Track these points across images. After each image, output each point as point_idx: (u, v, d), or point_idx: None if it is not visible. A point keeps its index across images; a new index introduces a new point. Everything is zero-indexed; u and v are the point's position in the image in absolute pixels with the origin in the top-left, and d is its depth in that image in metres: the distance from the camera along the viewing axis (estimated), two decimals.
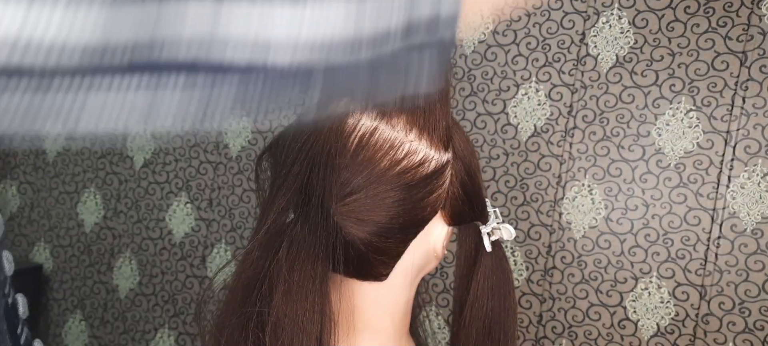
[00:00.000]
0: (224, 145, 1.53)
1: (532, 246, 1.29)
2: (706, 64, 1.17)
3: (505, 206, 1.31)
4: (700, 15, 1.17)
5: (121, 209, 1.63)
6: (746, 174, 1.15)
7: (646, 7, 1.21)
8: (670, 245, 1.20)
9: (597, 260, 1.25)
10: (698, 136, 1.18)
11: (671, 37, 1.19)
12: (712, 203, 1.17)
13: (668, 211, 1.20)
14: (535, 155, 1.29)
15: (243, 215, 1.52)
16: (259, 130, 1.50)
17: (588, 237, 1.26)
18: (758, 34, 1.14)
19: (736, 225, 1.16)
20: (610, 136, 1.24)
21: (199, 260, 1.56)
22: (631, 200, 1.23)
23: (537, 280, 1.29)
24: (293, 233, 0.48)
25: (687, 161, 1.19)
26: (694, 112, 1.18)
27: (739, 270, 1.16)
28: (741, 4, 1.14)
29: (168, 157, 1.58)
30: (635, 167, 1.22)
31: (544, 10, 1.27)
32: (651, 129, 1.21)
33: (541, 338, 1.29)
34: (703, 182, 1.18)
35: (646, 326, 1.22)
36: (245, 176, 1.51)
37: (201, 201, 1.55)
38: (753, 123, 1.15)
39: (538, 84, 1.28)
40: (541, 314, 1.29)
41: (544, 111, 1.28)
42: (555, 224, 1.28)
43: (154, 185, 1.60)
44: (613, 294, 1.24)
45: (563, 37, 1.26)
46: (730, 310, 1.17)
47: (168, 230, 1.59)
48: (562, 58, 1.26)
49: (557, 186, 1.27)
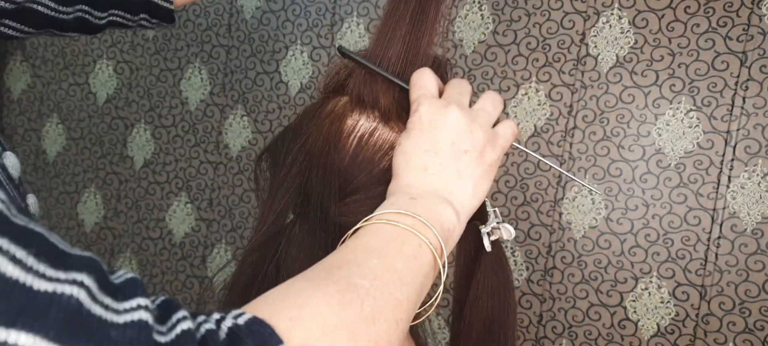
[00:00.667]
0: (224, 145, 1.53)
1: (532, 246, 1.29)
2: (706, 64, 1.17)
3: (505, 206, 1.31)
4: (700, 15, 1.17)
5: (121, 209, 1.63)
6: (746, 174, 1.15)
7: (646, 7, 1.21)
8: (670, 245, 1.20)
9: (597, 260, 1.25)
10: (698, 136, 1.18)
11: (671, 37, 1.19)
12: (713, 203, 1.17)
13: (668, 211, 1.20)
14: None
15: (243, 215, 1.52)
16: (259, 130, 1.50)
17: (588, 237, 1.26)
18: (758, 34, 1.14)
19: (736, 225, 1.16)
20: (610, 136, 1.24)
21: (199, 260, 1.56)
22: (631, 200, 1.23)
23: (537, 280, 1.29)
24: (293, 233, 0.48)
25: (687, 161, 1.19)
26: (694, 112, 1.18)
27: (739, 270, 1.16)
28: (741, 4, 1.14)
29: (168, 158, 1.58)
30: (635, 167, 1.22)
31: (544, 10, 1.27)
32: (651, 129, 1.21)
33: (541, 338, 1.29)
34: (703, 182, 1.18)
35: (646, 326, 1.22)
36: (245, 176, 1.51)
37: (201, 201, 1.55)
38: (753, 123, 1.15)
39: (538, 84, 1.28)
40: (541, 314, 1.29)
41: (544, 111, 1.28)
42: (555, 224, 1.28)
43: (154, 185, 1.60)
44: (613, 294, 1.24)
45: (563, 37, 1.26)
46: (731, 310, 1.17)
47: (168, 230, 1.59)
48: (562, 58, 1.26)
49: (557, 186, 1.27)
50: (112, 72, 1.63)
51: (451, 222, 0.41)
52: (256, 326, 0.29)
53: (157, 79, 1.58)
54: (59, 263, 0.24)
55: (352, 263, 0.35)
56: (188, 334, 0.28)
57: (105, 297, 0.26)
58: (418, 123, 0.44)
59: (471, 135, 0.44)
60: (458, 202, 0.42)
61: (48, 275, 0.23)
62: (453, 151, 0.43)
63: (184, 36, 1.55)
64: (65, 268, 0.24)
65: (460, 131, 0.43)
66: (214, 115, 1.53)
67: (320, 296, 0.32)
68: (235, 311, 0.31)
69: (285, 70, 1.47)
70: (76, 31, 0.62)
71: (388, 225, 0.38)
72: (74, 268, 0.25)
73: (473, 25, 1.33)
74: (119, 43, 1.61)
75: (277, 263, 0.47)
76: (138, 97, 1.61)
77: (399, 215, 0.39)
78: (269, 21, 1.48)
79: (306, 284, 0.33)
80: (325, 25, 1.44)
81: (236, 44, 1.51)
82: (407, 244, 0.38)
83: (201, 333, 0.28)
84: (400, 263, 0.36)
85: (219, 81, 1.53)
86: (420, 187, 0.42)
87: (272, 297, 0.32)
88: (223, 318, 0.30)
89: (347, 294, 0.33)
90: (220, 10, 1.52)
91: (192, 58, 1.55)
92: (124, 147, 1.62)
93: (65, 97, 1.67)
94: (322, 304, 0.32)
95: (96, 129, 1.65)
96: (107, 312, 0.25)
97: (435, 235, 0.39)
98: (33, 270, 0.23)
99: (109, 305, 0.25)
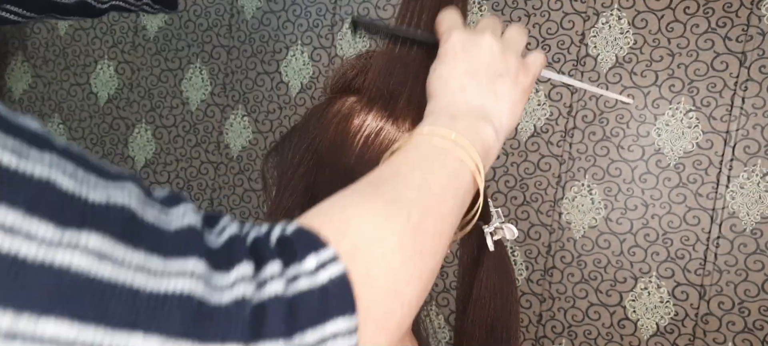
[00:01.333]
0: (225, 146, 1.53)
1: (532, 246, 1.30)
2: (705, 64, 1.18)
3: (505, 206, 1.31)
4: (700, 15, 1.18)
5: None
6: (746, 174, 1.16)
7: (645, 7, 1.21)
8: (670, 244, 1.21)
9: (597, 260, 1.25)
10: (698, 136, 1.19)
11: (671, 38, 1.20)
12: (712, 203, 1.18)
13: (668, 211, 1.21)
14: (535, 155, 1.29)
15: (244, 214, 1.52)
16: (259, 130, 1.50)
17: (588, 237, 1.26)
18: (758, 35, 1.14)
19: (736, 225, 1.16)
20: (609, 137, 1.24)
21: None
22: (630, 200, 1.23)
23: (537, 280, 1.30)
24: None
25: (686, 161, 1.19)
26: (693, 113, 1.19)
27: (739, 270, 1.16)
28: (740, 4, 1.15)
29: (169, 158, 1.58)
30: (635, 167, 1.23)
31: (544, 10, 1.28)
32: (650, 129, 1.22)
33: (541, 338, 1.30)
34: (702, 182, 1.18)
35: (645, 326, 1.23)
36: (246, 176, 1.52)
37: (202, 201, 1.56)
38: (752, 123, 1.15)
39: (537, 84, 1.28)
40: (541, 314, 1.30)
41: (544, 111, 1.28)
42: (555, 224, 1.28)
43: (155, 185, 1.60)
44: (612, 294, 1.25)
45: (563, 38, 1.27)
46: (730, 310, 1.17)
47: None
48: (562, 59, 1.27)
49: (557, 186, 1.28)
50: (114, 72, 1.63)
51: (491, 139, 0.42)
52: (304, 234, 0.30)
53: (158, 79, 1.59)
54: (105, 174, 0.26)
55: (397, 176, 0.36)
56: (238, 238, 0.29)
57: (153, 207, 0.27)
58: (452, 49, 0.44)
59: (505, 60, 0.45)
60: (497, 120, 0.43)
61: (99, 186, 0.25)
62: (489, 74, 0.44)
63: (185, 36, 1.56)
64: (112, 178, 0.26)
65: (495, 56, 0.44)
66: (215, 116, 1.54)
67: (368, 207, 0.33)
68: (282, 223, 0.31)
69: (285, 71, 1.48)
70: (77, 15, 0.62)
71: (431, 141, 0.39)
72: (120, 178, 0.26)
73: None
74: (120, 44, 1.62)
75: None
76: (139, 98, 1.61)
77: (441, 132, 0.39)
78: (270, 21, 1.48)
79: (353, 197, 0.34)
80: (326, 26, 1.44)
81: (237, 44, 1.51)
82: (449, 159, 0.38)
83: (250, 238, 0.29)
84: (444, 178, 0.37)
85: (220, 81, 1.53)
86: (460, 106, 0.42)
87: (320, 211, 0.33)
88: (272, 229, 0.31)
89: (394, 206, 0.33)
90: (221, 11, 1.52)
91: (193, 59, 1.55)
92: (126, 147, 1.62)
93: (66, 97, 1.67)
94: (369, 214, 0.32)
95: (97, 129, 1.65)
96: (159, 218, 0.26)
97: (476, 152, 0.39)
98: (84, 182, 0.24)
99: (158, 215, 0.27)
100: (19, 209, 0.21)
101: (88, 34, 1.65)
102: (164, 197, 0.29)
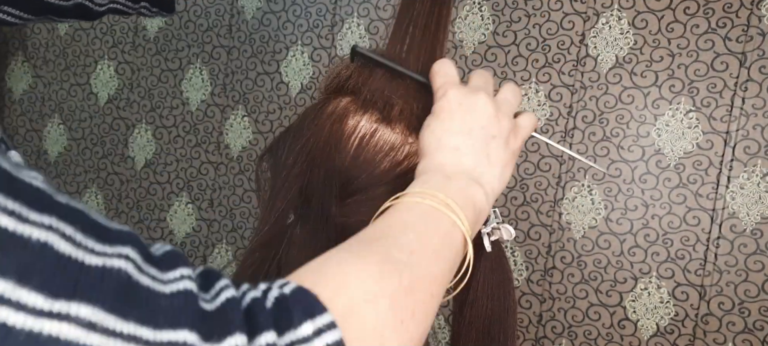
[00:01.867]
0: (225, 146, 1.53)
1: (531, 246, 1.29)
2: (705, 64, 1.17)
3: (505, 206, 1.31)
4: (700, 16, 1.17)
5: (122, 209, 1.63)
6: (746, 175, 1.15)
7: (645, 7, 1.21)
8: (670, 245, 1.20)
9: (597, 260, 1.25)
10: (698, 136, 1.18)
11: (671, 38, 1.19)
12: (712, 204, 1.18)
13: (668, 211, 1.20)
14: (535, 155, 1.29)
15: (244, 215, 1.52)
16: (259, 130, 1.50)
17: (588, 237, 1.26)
18: (758, 35, 1.14)
19: (736, 225, 1.16)
20: (609, 137, 1.24)
21: (200, 260, 1.57)
22: (630, 201, 1.23)
23: (537, 280, 1.30)
24: (294, 234, 0.49)
25: (686, 162, 1.19)
26: (693, 113, 1.18)
27: (739, 270, 1.16)
28: (740, 4, 1.15)
29: (169, 158, 1.59)
30: (635, 168, 1.22)
31: (544, 11, 1.28)
32: (650, 130, 1.21)
33: (541, 338, 1.30)
34: (702, 183, 1.18)
35: (645, 326, 1.22)
36: (246, 176, 1.52)
37: (202, 201, 1.56)
38: (752, 124, 1.15)
39: (537, 85, 1.28)
40: (540, 314, 1.30)
41: (544, 112, 1.28)
42: (555, 224, 1.28)
43: (155, 185, 1.60)
44: (612, 294, 1.24)
45: (563, 38, 1.26)
46: (730, 310, 1.17)
47: (169, 230, 1.59)
48: (562, 59, 1.27)
49: (557, 186, 1.28)
50: (114, 72, 1.63)
51: (482, 203, 0.42)
52: (301, 295, 0.30)
53: (158, 79, 1.59)
54: (104, 237, 0.25)
55: (389, 236, 0.36)
56: (234, 301, 0.28)
57: (150, 268, 0.27)
58: (447, 106, 0.44)
59: (498, 122, 0.45)
60: (488, 184, 0.43)
61: (96, 250, 0.24)
62: (483, 136, 0.44)
63: (185, 36, 1.56)
64: (110, 242, 0.26)
65: (489, 117, 0.44)
66: (215, 116, 1.54)
67: (361, 266, 0.33)
68: (280, 281, 0.31)
69: (285, 71, 1.48)
70: (75, 18, 0.62)
71: (424, 202, 0.39)
72: (118, 241, 0.26)
73: (473, 25, 1.33)
74: (120, 44, 1.62)
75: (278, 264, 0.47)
76: (139, 98, 1.61)
77: (435, 193, 0.39)
78: (270, 22, 1.48)
79: (346, 255, 0.34)
80: (326, 26, 1.44)
81: (237, 45, 1.52)
82: (442, 222, 0.38)
83: (246, 301, 0.29)
84: (436, 240, 0.37)
85: (220, 81, 1.53)
86: (453, 166, 0.42)
87: (314, 268, 0.33)
88: (270, 288, 0.31)
89: (387, 265, 0.33)
90: (221, 11, 1.52)
91: (193, 59, 1.55)
92: (126, 147, 1.63)
93: (66, 97, 1.68)
94: (363, 273, 0.32)
95: (97, 129, 1.65)
96: (154, 283, 0.26)
97: (467, 216, 0.40)
98: (82, 246, 0.24)
99: (155, 276, 0.26)
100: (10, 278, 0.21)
101: (88, 34, 1.65)
102: (162, 257, 0.28)
